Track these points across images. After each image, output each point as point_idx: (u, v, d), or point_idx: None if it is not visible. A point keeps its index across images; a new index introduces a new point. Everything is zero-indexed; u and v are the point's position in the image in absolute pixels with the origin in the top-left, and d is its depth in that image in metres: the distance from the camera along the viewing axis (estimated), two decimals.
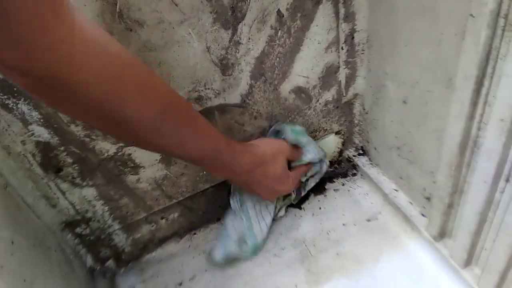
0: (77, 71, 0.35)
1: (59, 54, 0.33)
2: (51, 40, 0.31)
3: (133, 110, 0.42)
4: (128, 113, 0.42)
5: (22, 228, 0.57)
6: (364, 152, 0.86)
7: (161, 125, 0.45)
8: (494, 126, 0.44)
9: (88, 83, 0.36)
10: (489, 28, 0.40)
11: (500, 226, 0.49)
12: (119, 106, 0.40)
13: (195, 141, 0.52)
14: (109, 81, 0.38)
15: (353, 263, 0.69)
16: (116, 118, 0.42)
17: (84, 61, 0.35)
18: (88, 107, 0.39)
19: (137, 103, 0.42)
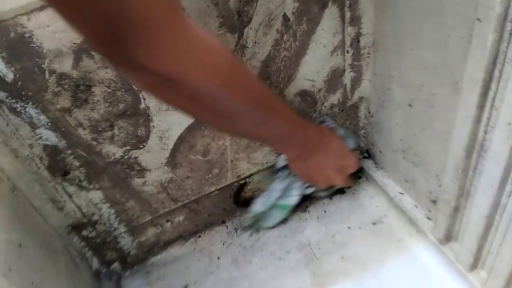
0: (195, 67, 0.40)
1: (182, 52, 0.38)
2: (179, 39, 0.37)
3: (238, 103, 0.47)
4: (233, 106, 0.47)
5: (30, 231, 0.57)
6: (369, 155, 0.86)
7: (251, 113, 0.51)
8: (501, 129, 0.44)
9: (202, 78, 0.41)
10: (496, 32, 0.40)
11: (507, 230, 0.49)
12: (227, 100, 0.46)
13: (276, 121, 0.56)
14: (219, 76, 0.43)
15: (358, 266, 0.69)
16: (222, 111, 0.47)
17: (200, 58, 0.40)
18: (200, 101, 0.44)
19: (241, 96, 0.47)
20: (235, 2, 0.56)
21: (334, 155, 0.68)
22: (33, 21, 0.49)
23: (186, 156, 0.70)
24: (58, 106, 0.56)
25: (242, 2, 0.57)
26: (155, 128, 0.64)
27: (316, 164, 0.67)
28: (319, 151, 0.66)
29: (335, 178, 0.70)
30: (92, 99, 0.58)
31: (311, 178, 0.70)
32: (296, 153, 0.64)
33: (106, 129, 0.61)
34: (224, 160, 0.74)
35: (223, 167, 0.75)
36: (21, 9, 0.48)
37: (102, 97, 0.58)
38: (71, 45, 0.52)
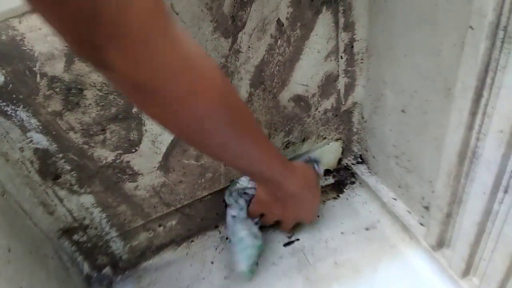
0: (171, 81, 0.38)
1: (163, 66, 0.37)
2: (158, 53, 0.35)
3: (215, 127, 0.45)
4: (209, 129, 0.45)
5: (19, 235, 0.57)
6: (363, 161, 0.86)
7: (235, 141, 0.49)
8: (493, 137, 0.44)
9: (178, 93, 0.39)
10: (488, 39, 0.40)
11: (499, 237, 0.49)
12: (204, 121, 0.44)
13: (259, 159, 0.54)
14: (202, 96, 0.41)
15: (351, 272, 0.69)
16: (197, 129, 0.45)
17: (178, 73, 0.38)
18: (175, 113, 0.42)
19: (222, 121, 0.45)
20: (229, 7, 0.56)
21: (302, 209, 0.69)
22: (25, 24, 0.48)
23: (179, 160, 0.70)
24: (49, 109, 0.56)
25: (236, 7, 0.57)
26: (148, 132, 0.64)
27: (283, 205, 0.67)
28: (292, 199, 0.65)
29: (286, 223, 0.73)
30: (83, 103, 0.57)
31: (268, 210, 0.70)
32: (269, 191, 0.64)
33: (98, 132, 0.61)
34: (217, 165, 0.74)
35: (216, 171, 0.75)
36: (12, 12, 0.47)
37: (94, 100, 0.57)
38: (63, 48, 0.52)
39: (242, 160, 0.53)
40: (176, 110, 0.41)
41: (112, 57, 0.34)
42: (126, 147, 0.64)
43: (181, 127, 0.45)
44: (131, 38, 0.33)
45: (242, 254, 0.69)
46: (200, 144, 0.50)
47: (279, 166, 0.58)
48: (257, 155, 0.53)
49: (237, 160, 0.53)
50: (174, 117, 0.43)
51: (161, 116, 0.43)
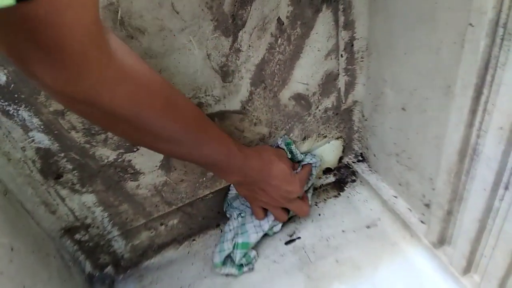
0: (111, 94, 0.39)
1: (96, 79, 0.37)
2: (92, 67, 0.36)
3: (159, 126, 0.47)
4: (154, 129, 0.47)
5: (22, 235, 0.57)
6: (363, 159, 0.86)
7: (183, 137, 0.51)
8: (494, 134, 0.44)
9: (119, 104, 0.41)
10: (488, 37, 0.41)
11: (500, 234, 0.49)
12: (147, 124, 0.46)
13: (211, 148, 0.56)
14: (136, 102, 0.43)
15: (352, 270, 0.69)
16: (143, 132, 0.47)
17: (116, 86, 0.39)
18: (116, 121, 0.44)
19: (163, 120, 0.47)
20: (230, 5, 0.56)
21: (280, 181, 0.68)
22: None
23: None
24: (51, 108, 0.56)
25: (236, 6, 0.57)
26: None
27: (261, 190, 0.67)
28: (262, 179, 0.66)
29: (283, 203, 0.71)
30: None
31: (260, 200, 0.71)
32: (234, 179, 0.65)
33: (100, 132, 0.61)
34: None
35: None
36: None
37: None
38: None
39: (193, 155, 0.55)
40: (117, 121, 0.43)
41: (40, 71, 0.34)
42: (128, 146, 0.64)
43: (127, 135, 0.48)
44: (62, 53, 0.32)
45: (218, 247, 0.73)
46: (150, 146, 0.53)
47: (234, 151, 0.60)
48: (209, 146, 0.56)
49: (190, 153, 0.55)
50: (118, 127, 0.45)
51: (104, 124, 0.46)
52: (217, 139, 0.57)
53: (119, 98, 0.40)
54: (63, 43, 0.31)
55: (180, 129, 0.50)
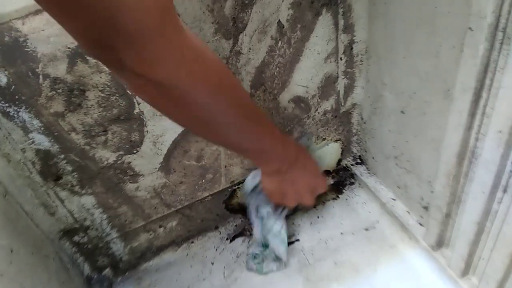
0: (186, 74, 0.40)
1: (173, 60, 0.38)
2: (170, 49, 0.37)
3: (224, 112, 0.48)
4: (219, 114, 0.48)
5: (21, 236, 0.57)
6: (362, 161, 0.86)
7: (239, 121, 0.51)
8: (492, 137, 0.45)
9: (192, 85, 0.42)
10: (487, 41, 0.41)
11: (498, 236, 0.50)
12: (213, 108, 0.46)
13: (261, 137, 0.57)
14: (209, 83, 0.44)
15: (351, 272, 0.69)
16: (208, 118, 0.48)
17: (191, 66, 0.40)
18: (187, 106, 0.44)
19: (227, 103, 0.48)
20: (230, 9, 0.57)
21: (309, 173, 0.68)
22: (28, 25, 0.49)
23: (180, 161, 0.70)
24: (52, 110, 0.56)
25: (237, 9, 0.57)
26: (149, 133, 0.64)
27: (291, 181, 0.66)
28: (297, 167, 0.65)
29: (305, 197, 0.70)
30: (86, 104, 0.57)
31: (283, 195, 0.68)
32: (274, 167, 0.64)
33: (100, 134, 0.61)
34: (217, 166, 0.74)
35: (216, 172, 0.75)
36: (15, 13, 0.48)
37: (96, 101, 0.58)
38: (66, 49, 0.52)
39: (245, 140, 0.55)
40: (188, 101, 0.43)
41: (128, 58, 0.35)
42: (128, 148, 0.64)
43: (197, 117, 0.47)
44: (146, 40, 0.34)
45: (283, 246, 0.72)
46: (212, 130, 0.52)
47: (278, 137, 0.60)
48: (258, 132, 0.56)
49: (241, 141, 0.56)
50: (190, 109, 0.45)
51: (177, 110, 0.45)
52: (265, 124, 0.57)
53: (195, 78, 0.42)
54: (141, 26, 0.33)
55: (238, 113, 0.50)
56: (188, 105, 0.44)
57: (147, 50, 0.35)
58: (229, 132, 0.52)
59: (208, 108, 0.46)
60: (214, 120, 0.49)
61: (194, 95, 0.43)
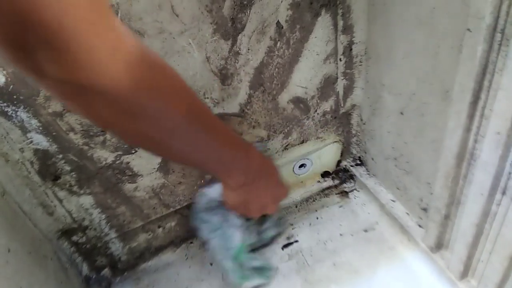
0: (119, 78, 0.35)
1: (105, 64, 0.33)
2: (98, 51, 0.32)
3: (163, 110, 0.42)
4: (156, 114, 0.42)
5: (19, 236, 0.57)
6: (362, 163, 0.86)
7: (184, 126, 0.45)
8: (491, 138, 0.45)
9: (126, 89, 0.36)
10: (486, 42, 0.41)
11: (497, 238, 0.49)
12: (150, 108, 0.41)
13: (219, 146, 0.52)
14: (146, 88, 0.38)
15: (350, 273, 0.69)
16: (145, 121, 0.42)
17: (126, 69, 0.35)
18: (124, 114, 0.39)
19: (166, 103, 0.42)
20: (229, 9, 0.57)
21: (273, 183, 0.65)
22: None
23: None
24: (50, 110, 0.56)
25: (236, 10, 0.57)
26: None
27: (256, 192, 0.63)
28: (261, 178, 0.62)
29: (270, 206, 0.67)
30: None
31: (247, 208, 0.65)
32: (238, 180, 0.59)
33: (98, 133, 0.61)
34: None
35: None
36: None
37: None
38: None
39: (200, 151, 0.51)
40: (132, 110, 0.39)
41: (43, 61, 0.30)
42: (126, 148, 0.64)
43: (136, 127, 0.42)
44: (70, 34, 0.29)
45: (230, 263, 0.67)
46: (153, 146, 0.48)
47: (240, 147, 0.56)
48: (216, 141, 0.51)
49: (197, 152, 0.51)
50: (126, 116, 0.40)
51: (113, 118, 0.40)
52: (222, 131, 0.53)
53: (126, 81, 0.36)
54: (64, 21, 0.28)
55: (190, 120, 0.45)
56: (132, 114, 0.39)
57: (73, 52, 0.30)
58: (178, 141, 0.47)
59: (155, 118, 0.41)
60: (162, 130, 0.44)
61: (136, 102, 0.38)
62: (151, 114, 0.41)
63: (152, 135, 0.44)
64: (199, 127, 0.47)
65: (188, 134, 0.47)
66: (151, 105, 0.40)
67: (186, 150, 0.49)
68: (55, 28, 0.28)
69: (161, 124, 0.43)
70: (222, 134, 0.52)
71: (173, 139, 0.46)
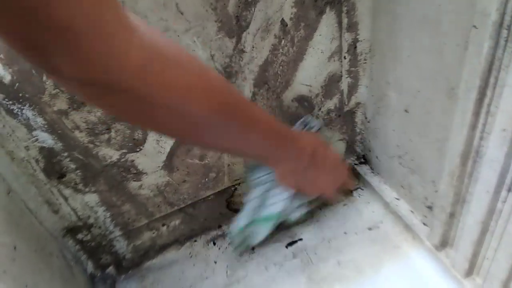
0: (137, 75, 0.34)
1: (119, 60, 0.32)
2: (111, 46, 0.31)
3: (191, 107, 0.39)
4: (186, 112, 0.40)
5: (24, 234, 0.57)
6: (366, 161, 0.86)
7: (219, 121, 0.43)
8: (496, 136, 0.44)
9: (146, 85, 0.35)
10: (492, 39, 0.41)
11: (502, 236, 0.49)
12: (176, 106, 0.38)
13: (262, 138, 0.50)
14: (168, 82, 0.36)
15: (354, 272, 0.69)
16: (180, 121, 0.40)
17: (143, 65, 0.34)
18: (150, 110, 0.38)
19: (195, 100, 0.39)
20: (234, 7, 0.57)
21: (330, 169, 0.63)
22: None
23: (183, 160, 0.70)
24: (55, 108, 0.56)
25: (240, 7, 0.57)
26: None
27: (311, 178, 0.61)
28: (315, 165, 0.60)
29: (328, 191, 0.66)
30: None
31: (302, 189, 0.64)
32: (288, 167, 0.58)
33: (103, 131, 0.61)
34: (221, 164, 0.74)
35: (220, 171, 0.75)
36: None
37: None
38: None
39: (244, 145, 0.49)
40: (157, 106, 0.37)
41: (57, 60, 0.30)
42: (131, 146, 0.64)
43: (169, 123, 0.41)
44: (80, 32, 0.28)
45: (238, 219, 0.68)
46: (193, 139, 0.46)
47: (286, 136, 0.55)
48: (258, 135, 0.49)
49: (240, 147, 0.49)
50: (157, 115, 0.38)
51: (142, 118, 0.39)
52: (264, 122, 0.50)
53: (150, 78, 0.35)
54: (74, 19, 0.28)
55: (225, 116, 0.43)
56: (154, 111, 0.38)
57: (86, 49, 0.29)
58: (220, 139, 0.46)
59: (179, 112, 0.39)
60: (196, 127, 0.42)
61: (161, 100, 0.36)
62: (177, 112, 0.39)
63: (180, 131, 0.42)
64: (236, 122, 0.45)
65: (223, 129, 0.44)
66: (174, 102, 0.38)
67: (224, 143, 0.47)
68: (65, 25, 0.27)
69: (188, 120, 0.41)
70: (265, 127, 0.50)
71: (206, 135, 0.44)
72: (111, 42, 0.30)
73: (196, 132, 0.43)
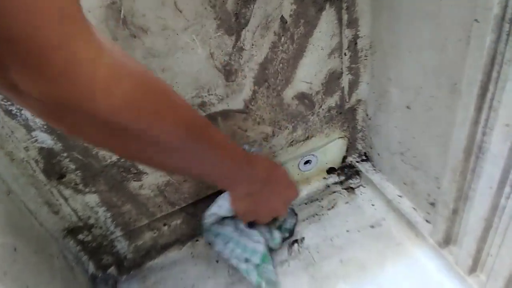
0: (103, 96, 0.32)
1: (84, 78, 0.30)
2: (75, 63, 0.29)
3: (159, 132, 0.39)
4: (153, 137, 0.39)
5: (25, 235, 0.57)
6: (368, 158, 0.86)
7: (184, 145, 0.43)
8: (499, 131, 0.44)
9: (112, 107, 0.33)
10: (494, 33, 0.40)
11: (506, 232, 0.49)
12: (144, 130, 0.38)
13: (220, 160, 0.51)
14: (135, 104, 0.35)
15: (357, 270, 0.69)
16: (140, 142, 0.40)
17: (109, 86, 0.32)
18: (112, 132, 0.36)
19: (163, 125, 0.39)
20: (233, 4, 0.56)
21: (282, 187, 0.65)
22: None
23: None
24: None
25: (239, 5, 0.57)
26: None
27: (265, 199, 0.63)
28: (269, 185, 0.61)
29: (280, 210, 0.68)
30: None
31: (256, 214, 0.66)
32: (244, 190, 0.60)
33: None
34: None
35: None
36: None
37: None
38: None
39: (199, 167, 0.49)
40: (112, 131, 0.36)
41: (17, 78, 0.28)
42: None
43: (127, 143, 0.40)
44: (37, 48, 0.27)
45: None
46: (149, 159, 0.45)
47: (242, 158, 0.55)
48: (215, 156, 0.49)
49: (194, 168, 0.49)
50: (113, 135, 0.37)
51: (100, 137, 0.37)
52: (222, 144, 0.51)
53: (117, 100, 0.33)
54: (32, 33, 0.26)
55: (182, 134, 0.42)
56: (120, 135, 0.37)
57: (47, 67, 0.28)
58: (179, 161, 0.46)
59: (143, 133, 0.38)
60: (153, 147, 0.41)
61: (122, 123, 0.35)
62: (141, 136, 0.38)
63: (145, 154, 0.42)
64: (199, 145, 0.45)
65: (187, 152, 0.45)
66: (137, 126, 0.36)
67: (185, 166, 0.48)
68: (24, 42, 0.26)
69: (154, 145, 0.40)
70: (223, 148, 0.50)
71: (170, 158, 0.44)
72: (73, 62, 0.29)
73: (158, 153, 0.42)
